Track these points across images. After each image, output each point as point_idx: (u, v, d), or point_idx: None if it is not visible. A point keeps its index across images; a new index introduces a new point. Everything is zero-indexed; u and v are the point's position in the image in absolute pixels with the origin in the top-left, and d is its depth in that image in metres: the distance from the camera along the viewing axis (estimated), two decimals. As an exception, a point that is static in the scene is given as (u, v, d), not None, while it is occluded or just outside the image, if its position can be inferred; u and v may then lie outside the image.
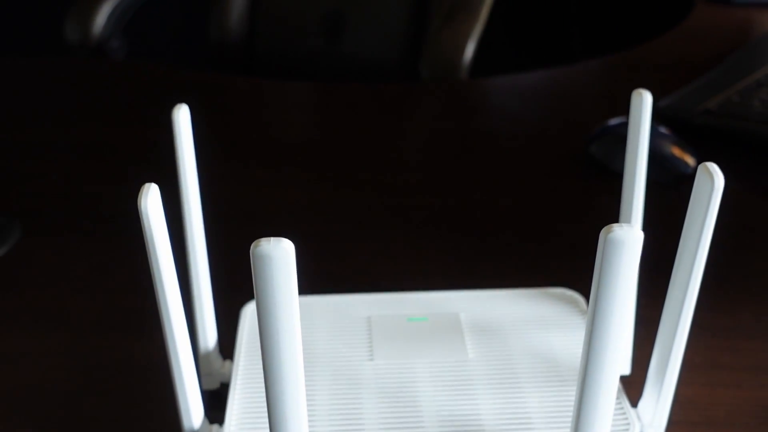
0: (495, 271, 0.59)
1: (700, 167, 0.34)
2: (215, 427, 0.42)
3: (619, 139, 0.69)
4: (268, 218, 0.66)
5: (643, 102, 0.41)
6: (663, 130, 0.71)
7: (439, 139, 0.82)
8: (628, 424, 0.41)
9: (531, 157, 0.76)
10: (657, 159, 0.69)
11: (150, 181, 0.34)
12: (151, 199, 0.33)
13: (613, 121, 0.72)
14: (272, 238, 0.29)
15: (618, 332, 0.32)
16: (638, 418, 0.43)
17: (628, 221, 0.44)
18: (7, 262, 0.61)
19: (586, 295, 0.50)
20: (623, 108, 0.80)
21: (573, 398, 0.41)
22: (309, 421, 0.40)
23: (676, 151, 0.70)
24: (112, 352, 0.52)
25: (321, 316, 0.48)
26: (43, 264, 0.61)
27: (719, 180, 0.33)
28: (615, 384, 0.33)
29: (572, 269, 0.53)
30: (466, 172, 0.74)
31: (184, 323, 0.38)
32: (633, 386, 0.46)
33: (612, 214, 0.47)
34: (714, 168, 0.33)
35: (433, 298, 0.50)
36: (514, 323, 0.48)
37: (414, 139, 0.83)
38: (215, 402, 0.46)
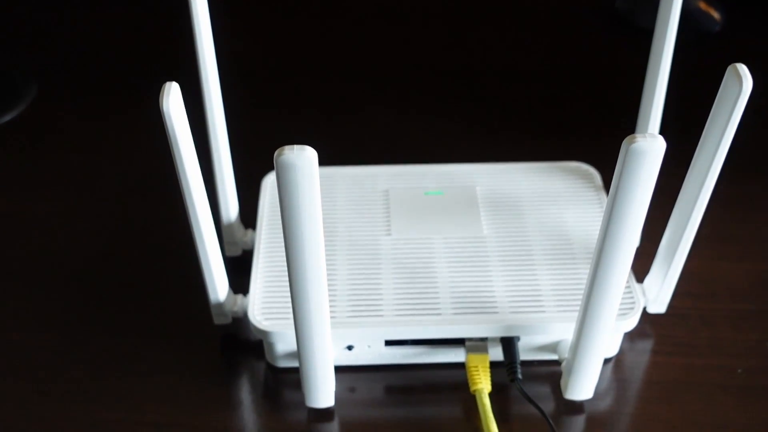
0: (513, 141, 0.59)
1: (729, 68, 0.34)
2: (240, 297, 0.44)
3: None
4: (283, 78, 0.66)
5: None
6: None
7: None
8: (633, 301, 0.42)
9: (554, 11, 0.74)
10: (681, 14, 0.67)
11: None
12: (173, 100, 0.33)
13: (641, -26, 0.69)
14: (296, 147, 0.30)
15: (633, 234, 0.33)
16: (643, 293, 0.45)
17: (646, 125, 0.43)
18: (25, 123, 0.61)
19: (602, 168, 0.51)
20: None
21: (583, 276, 0.43)
22: (330, 288, 0.42)
23: (702, 6, 0.68)
24: (136, 218, 0.53)
25: (341, 188, 0.49)
26: (62, 126, 0.61)
27: (747, 84, 0.33)
28: (623, 284, 0.35)
29: (591, 139, 0.53)
30: (486, 30, 0.72)
31: (206, 200, 0.39)
32: (641, 258, 0.48)
33: (635, 78, 0.46)
34: (743, 71, 0.33)
35: (450, 171, 0.51)
36: (529, 198, 0.49)
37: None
38: (238, 268, 0.48)
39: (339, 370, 0.43)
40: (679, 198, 0.40)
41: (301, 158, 0.30)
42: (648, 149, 0.30)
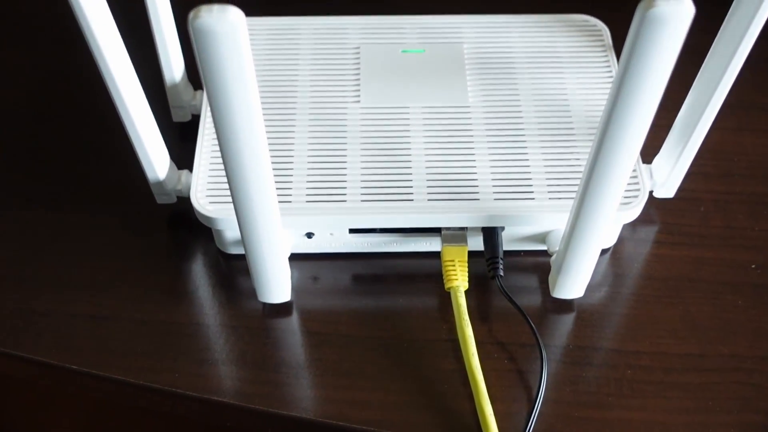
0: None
1: None
2: (185, 173, 0.39)
3: None
4: None
5: None
6: None
7: None
8: (638, 188, 0.37)
9: None
10: None
11: None
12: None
13: None
14: (215, 7, 0.23)
15: (645, 116, 0.27)
16: (650, 176, 0.39)
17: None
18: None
19: (613, 22, 0.43)
20: None
21: (582, 157, 0.37)
22: (286, 167, 0.37)
23: None
24: (69, 78, 0.46)
25: (305, 43, 0.42)
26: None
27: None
28: (629, 172, 0.29)
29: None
30: None
31: (125, 54, 0.32)
32: (651, 129, 0.42)
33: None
34: None
35: (432, 24, 0.43)
36: (524, 59, 0.42)
37: None
38: (187, 137, 0.41)
39: (299, 257, 0.38)
40: (707, 61, 0.34)
41: (223, 23, 0.23)
42: (670, 16, 0.23)
